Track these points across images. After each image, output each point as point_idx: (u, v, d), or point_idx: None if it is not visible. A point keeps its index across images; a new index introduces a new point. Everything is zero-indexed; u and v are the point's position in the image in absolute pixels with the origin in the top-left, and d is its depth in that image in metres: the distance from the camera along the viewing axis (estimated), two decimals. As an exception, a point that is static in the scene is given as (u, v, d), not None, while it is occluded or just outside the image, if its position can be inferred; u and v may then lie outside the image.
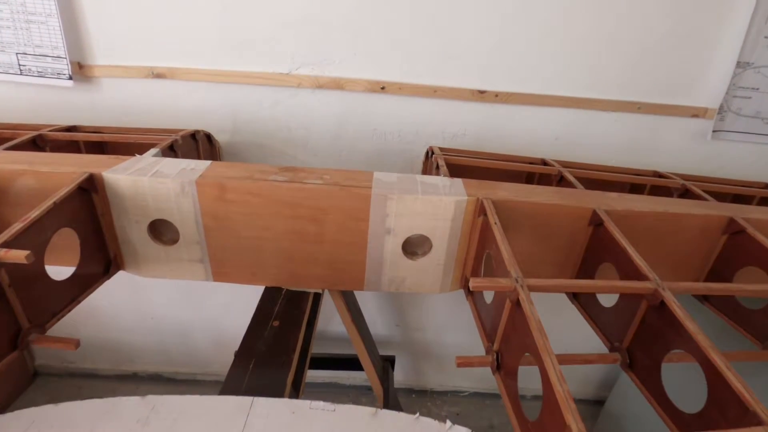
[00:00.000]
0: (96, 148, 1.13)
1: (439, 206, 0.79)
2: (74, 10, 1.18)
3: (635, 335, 0.67)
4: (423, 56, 1.23)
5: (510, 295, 0.61)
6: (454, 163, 1.04)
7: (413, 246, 0.85)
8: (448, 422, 0.56)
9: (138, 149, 0.92)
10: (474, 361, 0.66)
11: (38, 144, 0.99)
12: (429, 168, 1.17)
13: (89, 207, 0.78)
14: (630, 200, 0.87)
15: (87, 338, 1.78)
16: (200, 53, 1.24)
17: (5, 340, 0.60)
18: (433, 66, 1.24)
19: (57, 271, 0.71)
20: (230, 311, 1.71)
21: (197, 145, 1.17)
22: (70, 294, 0.74)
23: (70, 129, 1.11)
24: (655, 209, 0.84)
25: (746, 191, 1.19)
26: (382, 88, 1.26)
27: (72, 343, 0.65)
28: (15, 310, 0.61)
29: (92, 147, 1.12)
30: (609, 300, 0.74)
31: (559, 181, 1.05)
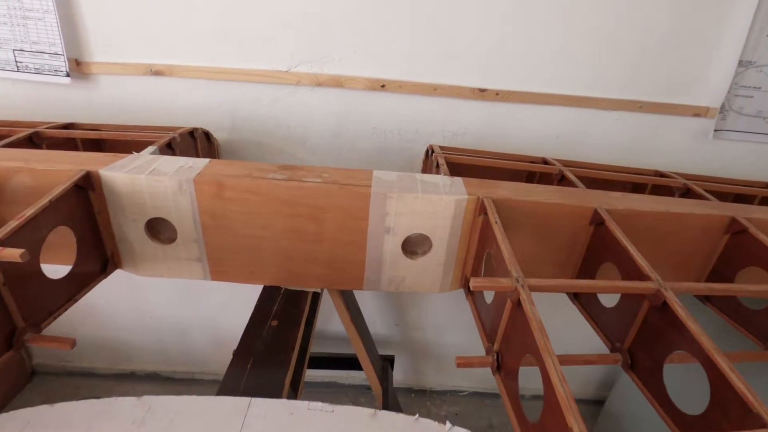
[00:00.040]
0: (93, 146, 1.12)
1: (440, 205, 0.78)
2: (71, 7, 1.17)
3: (637, 336, 0.67)
4: (423, 54, 1.23)
5: (511, 295, 0.60)
6: (455, 162, 1.04)
7: (413, 245, 0.85)
8: (448, 423, 0.55)
9: (136, 147, 0.91)
10: (474, 362, 0.66)
11: (35, 141, 0.98)
12: (429, 167, 1.16)
13: (86, 205, 0.77)
14: (631, 200, 0.86)
15: (85, 337, 1.78)
16: (199, 50, 1.23)
17: (0, 340, 0.59)
18: (434, 64, 1.24)
19: (53, 270, 0.71)
20: (229, 310, 1.71)
21: (195, 143, 1.16)
22: (67, 293, 0.74)
23: (67, 126, 1.10)
24: (657, 209, 0.83)
25: (748, 191, 1.19)
26: (382, 86, 1.25)
27: (68, 343, 0.64)
28: (10, 309, 0.60)
29: (90, 145, 1.11)
30: (610, 300, 0.73)
31: (560, 180, 1.05)
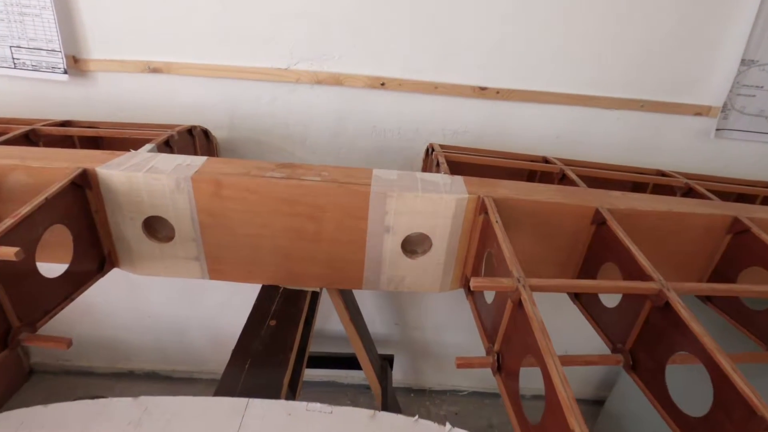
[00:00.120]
0: (91, 144, 1.11)
1: (440, 204, 0.77)
2: (69, 3, 1.16)
3: (638, 336, 0.66)
4: (424, 52, 1.22)
5: (512, 296, 0.60)
6: (455, 161, 1.03)
7: (413, 244, 0.84)
8: (448, 425, 0.55)
9: (133, 145, 0.90)
10: (474, 362, 0.65)
11: (31, 139, 0.98)
12: (429, 165, 1.16)
13: (83, 203, 0.76)
14: (633, 199, 0.86)
15: (83, 336, 1.77)
16: (197, 48, 1.22)
17: (-6, 339, 0.59)
18: (434, 62, 1.23)
19: (50, 269, 0.70)
20: (227, 310, 1.70)
21: (194, 141, 1.15)
22: (63, 292, 0.73)
23: (64, 124, 1.10)
24: (659, 208, 0.83)
25: (750, 190, 1.18)
26: (382, 84, 1.25)
27: (64, 343, 0.63)
28: (4, 308, 0.60)
29: (87, 142, 1.10)
30: (611, 300, 0.73)
31: (561, 179, 1.04)
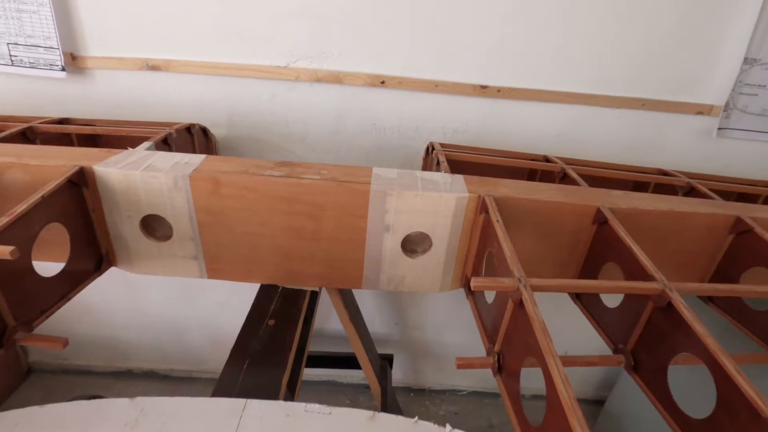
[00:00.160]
0: (89, 142, 1.11)
1: (440, 203, 0.77)
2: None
3: (640, 337, 0.66)
4: (424, 50, 1.21)
5: (512, 296, 0.59)
6: (455, 159, 1.02)
7: (413, 244, 0.84)
8: (448, 426, 0.54)
9: (131, 143, 0.89)
10: (475, 363, 0.65)
11: (28, 136, 0.97)
12: (429, 164, 1.15)
13: (79, 201, 0.75)
14: (635, 198, 0.85)
15: (81, 335, 1.76)
16: (196, 45, 1.21)
17: (-11, 339, 0.58)
18: (435, 60, 1.22)
19: (47, 267, 0.69)
20: (226, 309, 1.69)
21: (192, 139, 1.15)
22: (60, 291, 0.72)
23: (62, 121, 1.09)
24: (661, 208, 0.82)
25: (752, 190, 1.18)
26: (382, 83, 1.24)
27: (60, 342, 0.62)
28: (0, 308, 0.59)
29: (85, 140, 1.09)
30: (612, 300, 0.72)
31: (562, 179, 1.04)
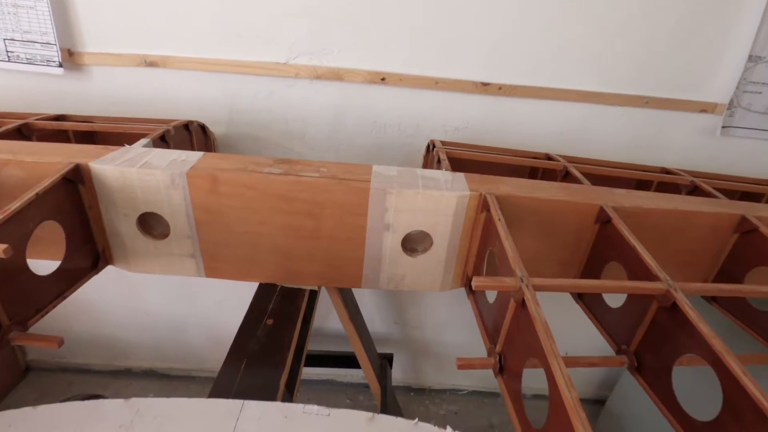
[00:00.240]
0: (86, 138, 1.10)
1: (441, 201, 0.76)
2: (64, -5, 1.14)
3: (644, 338, 0.65)
4: (425, 47, 1.20)
5: (514, 295, 0.58)
6: (456, 157, 1.01)
7: (413, 242, 0.83)
8: (449, 428, 0.53)
9: (128, 139, 0.89)
10: (475, 363, 0.64)
11: (24, 133, 0.96)
12: (430, 162, 1.14)
13: (75, 199, 0.75)
14: (638, 197, 0.84)
15: (80, 333, 1.76)
16: (195, 41, 1.20)
17: (-17, 339, 0.57)
18: (435, 57, 1.21)
19: (42, 265, 0.68)
20: (225, 307, 1.69)
21: (191, 137, 1.14)
22: (56, 289, 0.71)
23: (59, 118, 1.08)
24: (665, 206, 0.81)
25: (756, 189, 1.17)
26: (383, 80, 1.23)
27: (55, 342, 0.62)
28: (-7, 307, 0.58)
29: (82, 137, 1.08)
30: (615, 300, 0.71)
31: (565, 177, 1.03)
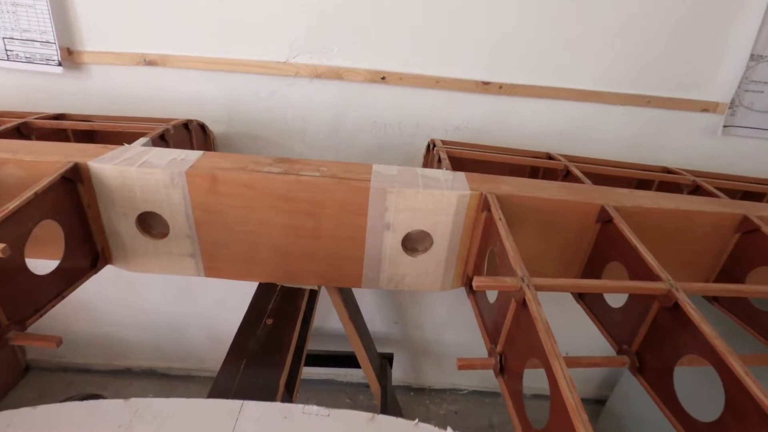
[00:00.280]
0: (85, 137, 1.09)
1: (441, 201, 0.75)
2: (63, -7, 1.14)
3: (645, 338, 0.64)
4: (425, 46, 1.19)
5: (515, 295, 0.58)
6: (457, 156, 1.01)
7: (413, 242, 0.82)
8: (449, 429, 0.53)
9: (128, 138, 0.88)
10: (476, 364, 0.63)
11: (23, 132, 0.96)
12: (430, 161, 1.14)
13: (74, 198, 0.74)
14: (640, 196, 0.84)
15: (79, 333, 1.75)
16: (194, 40, 1.19)
17: (-19, 338, 0.57)
18: (436, 56, 1.20)
19: (41, 265, 0.68)
20: (225, 307, 1.68)
21: (190, 136, 1.13)
22: (55, 289, 0.71)
23: (58, 117, 1.07)
24: (666, 206, 0.81)
25: (757, 188, 1.16)
26: (383, 78, 1.22)
27: (53, 341, 0.61)
28: (-9, 306, 0.58)
29: (81, 136, 1.08)
30: (616, 300, 0.71)
31: (565, 176, 1.02)
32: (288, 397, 0.69)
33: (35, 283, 0.66)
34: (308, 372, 1.86)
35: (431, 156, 1.12)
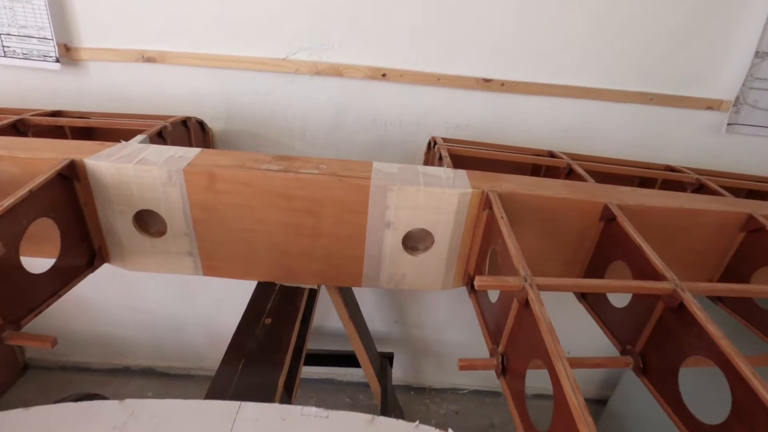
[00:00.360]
0: (83, 135, 1.08)
1: (442, 199, 0.74)
2: (61, -11, 1.13)
3: (650, 338, 0.63)
4: (426, 42, 1.18)
5: (518, 295, 0.57)
6: (458, 154, 1.00)
7: (414, 241, 0.81)
8: (450, 431, 0.52)
9: (125, 135, 0.87)
10: (477, 364, 0.63)
11: (19, 129, 0.95)
12: (431, 159, 1.13)
13: (70, 196, 0.73)
14: (643, 195, 0.83)
15: (78, 331, 1.75)
16: (193, 36, 1.18)
17: (-26, 338, 0.56)
18: (437, 53, 1.19)
19: (37, 264, 0.67)
20: (224, 306, 1.68)
21: (189, 133, 1.12)
22: (51, 288, 0.70)
23: (55, 114, 1.06)
24: (670, 204, 0.80)
25: (762, 187, 1.15)
26: (383, 75, 1.21)
27: (48, 341, 0.60)
28: (-15, 306, 0.57)
29: (78, 133, 1.07)
30: (619, 300, 0.70)
31: (568, 174, 1.01)
32: (287, 397, 0.68)
33: (30, 282, 0.65)
34: (308, 371, 1.85)
35: (432, 154, 1.11)
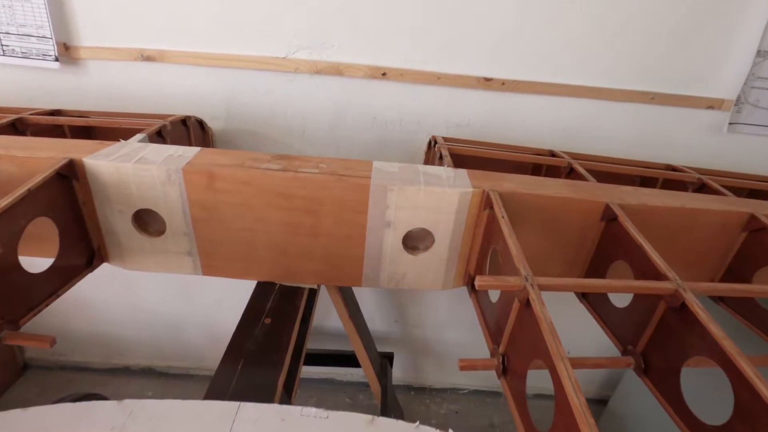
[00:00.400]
0: (81, 134, 1.08)
1: (443, 198, 0.74)
2: (60, -12, 1.12)
3: (651, 338, 0.63)
4: (427, 41, 1.18)
5: (519, 295, 0.56)
6: (459, 154, 0.99)
7: (414, 240, 0.81)
8: (450, 431, 0.52)
9: (124, 135, 0.87)
10: (478, 365, 0.62)
11: (18, 128, 0.94)
12: (432, 158, 1.12)
13: (69, 195, 0.73)
14: (645, 194, 0.82)
15: (77, 331, 1.74)
16: (193, 35, 1.18)
17: (-28, 338, 0.56)
18: (437, 52, 1.19)
19: (36, 263, 0.67)
20: (224, 305, 1.67)
21: (188, 132, 1.12)
22: (49, 287, 0.70)
23: (54, 113, 1.06)
24: (672, 204, 0.79)
25: (764, 186, 1.15)
26: (384, 74, 1.21)
27: (47, 341, 0.60)
28: (-17, 305, 0.57)
29: (78, 132, 1.07)
30: (621, 300, 0.70)
31: (569, 174, 1.01)
32: (286, 398, 0.68)
33: (29, 282, 0.65)
34: (308, 371, 1.85)
35: (432, 153, 1.11)
